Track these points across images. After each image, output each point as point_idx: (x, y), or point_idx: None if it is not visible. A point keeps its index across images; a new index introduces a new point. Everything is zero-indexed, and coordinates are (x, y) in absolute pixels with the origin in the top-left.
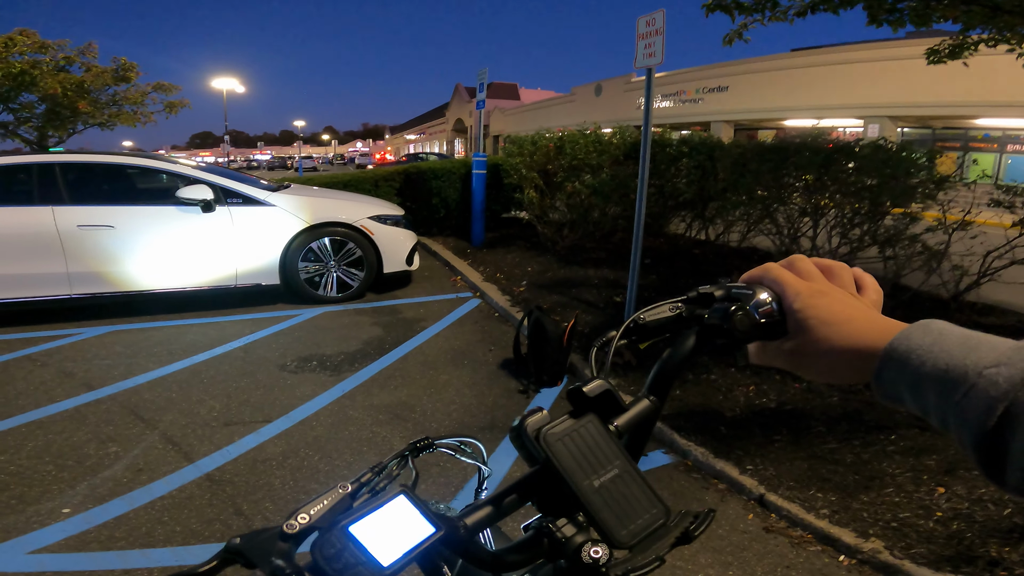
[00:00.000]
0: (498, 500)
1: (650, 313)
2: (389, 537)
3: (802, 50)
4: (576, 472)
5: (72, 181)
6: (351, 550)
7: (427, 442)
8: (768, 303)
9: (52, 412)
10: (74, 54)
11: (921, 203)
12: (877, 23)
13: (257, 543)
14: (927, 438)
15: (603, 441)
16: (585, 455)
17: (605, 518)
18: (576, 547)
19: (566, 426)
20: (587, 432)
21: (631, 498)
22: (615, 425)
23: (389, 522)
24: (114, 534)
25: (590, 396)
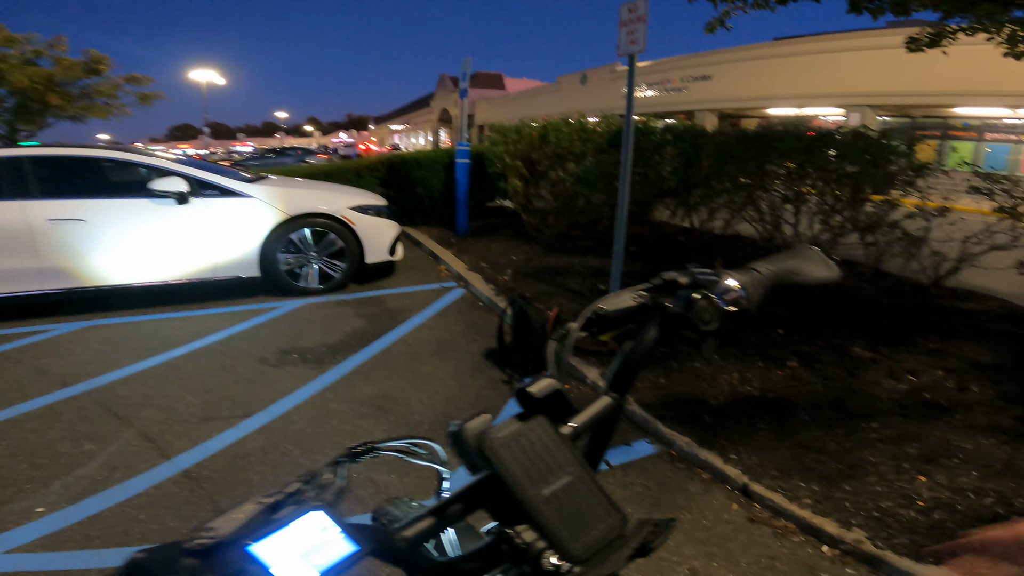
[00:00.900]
0: (440, 510)
1: (612, 303)
2: (302, 556)
3: (785, 39)
4: (524, 480)
5: (42, 175)
6: (250, 572)
7: (367, 447)
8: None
9: (26, 410)
10: (43, 47)
11: (901, 190)
12: (857, 11)
13: (160, 559)
14: (909, 425)
15: (554, 445)
16: (534, 461)
17: (556, 530)
18: (536, 553)
19: (512, 430)
20: (536, 436)
21: (585, 507)
22: (573, 426)
23: (302, 540)
24: (89, 533)
25: (537, 397)
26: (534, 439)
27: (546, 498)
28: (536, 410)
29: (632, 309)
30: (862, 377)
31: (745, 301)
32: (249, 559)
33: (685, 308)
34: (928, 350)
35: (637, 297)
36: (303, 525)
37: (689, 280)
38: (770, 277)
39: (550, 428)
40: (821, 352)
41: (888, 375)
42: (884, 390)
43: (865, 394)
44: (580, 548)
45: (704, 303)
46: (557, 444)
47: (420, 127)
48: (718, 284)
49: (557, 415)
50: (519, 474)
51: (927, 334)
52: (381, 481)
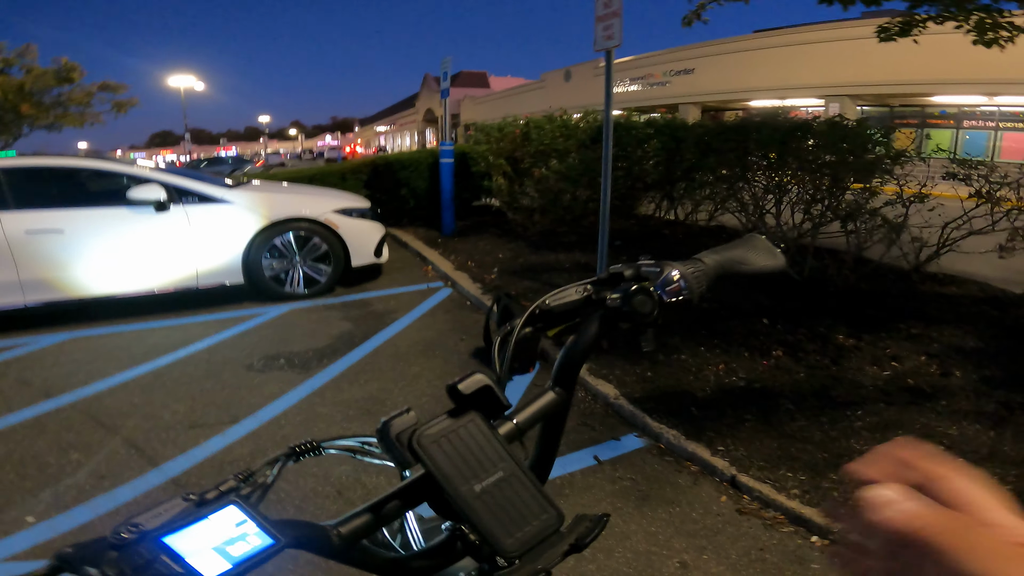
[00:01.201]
0: (378, 507)
1: (556, 298)
2: (217, 548)
3: (764, 31)
4: (454, 476)
5: (18, 185)
6: (163, 562)
7: (311, 444)
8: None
9: (11, 422)
10: (12, 56)
11: (880, 178)
12: (828, 1)
13: (87, 553)
14: (893, 412)
15: (486, 442)
16: (465, 458)
17: (489, 526)
18: (490, 551)
19: (443, 427)
20: (467, 433)
21: (519, 503)
22: (515, 422)
23: (219, 533)
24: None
25: (466, 393)
26: (465, 435)
27: (477, 494)
28: (468, 406)
29: (577, 303)
30: (846, 365)
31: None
32: (164, 549)
33: (623, 301)
34: (910, 335)
35: (582, 291)
36: (220, 519)
37: (633, 272)
38: (714, 267)
39: (483, 424)
40: (805, 341)
41: (871, 362)
42: (868, 377)
43: (849, 382)
44: (514, 544)
45: (641, 296)
46: (489, 440)
47: (406, 128)
48: (660, 276)
49: (491, 412)
50: (450, 470)
51: (909, 320)
52: (371, 483)
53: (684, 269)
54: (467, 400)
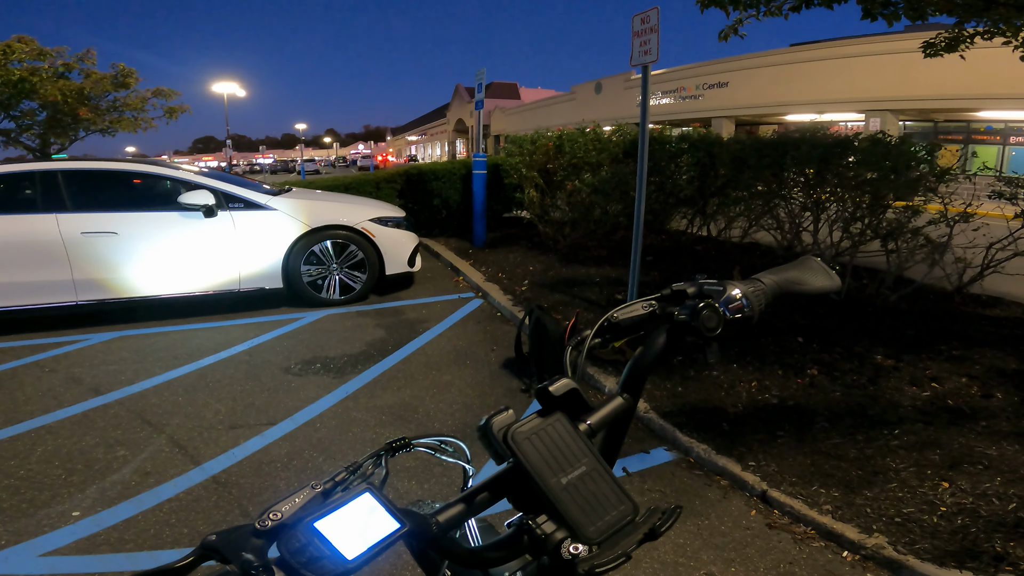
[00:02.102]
0: (470, 498)
1: (623, 312)
2: (355, 532)
3: (801, 44)
4: (544, 470)
5: (75, 188)
6: (316, 544)
7: (403, 442)
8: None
9: (61, 417)
10: (73, 61)
11: (923, 196)
12: (872, 17)
13: (231, 540)
14: (931, 432)
15: (571, 439)
16: (553, 453)
17: (573, 515)
18: (556, 544)
19: (533, 425)
20: (554, 431)
21: (599, 495)
22: (588, 423)
23: (355, 518)
24: (123, 536)
25: (556, 395)
26: (553, 433)
27: (563, 486)
28: (555, 407)
29: (642, 317)
30: (884, 384)
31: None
32: (314, 533)
33: (691, 316)
34: (951, 357)
35: (647, 306)
36: (356, 506)
37: (696, 290)
38: (772, 287)
39: (568, 424)
40: (841, 360)
41: (910, 382)
42: (906, 397)
43: (887, 401)
44: (594, 532)
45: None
46: (574, 438)
47: (436, 138)
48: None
49: (574, 413)
50: (539, 464)
51: (950, 341)
52: (402, 488)
53: (745, 288)
54: (554, 401)
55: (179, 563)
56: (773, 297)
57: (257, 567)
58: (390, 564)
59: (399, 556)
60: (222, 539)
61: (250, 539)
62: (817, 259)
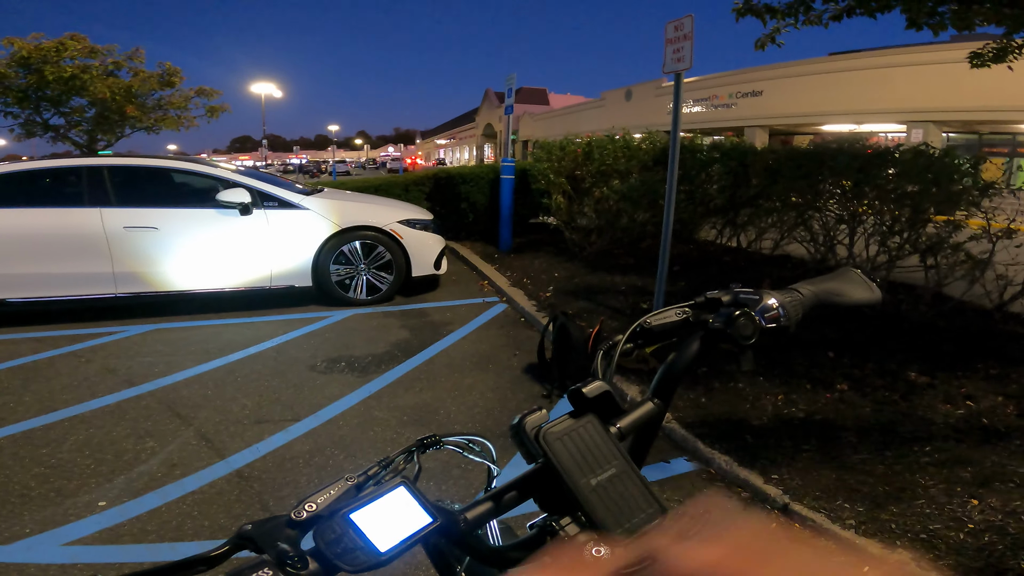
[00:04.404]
0: (498, 496)
1: (657, 318)
2: (388, 525)
3: (840, 54)
4: (574, 470)
5: (119, 184)
6: (351, 536)
7: (434, 439)
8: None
9: (94, 407)
10: (122, 59)
11: (965, 210)
12: (917, 27)
13: (266, 530)
14: (963, 450)
15: (602, 441)
16: (583, 454)
17: (601, 516)
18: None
19: (565, 426)
20: (586, 432)
21: (628, 497)
22: (618, 427)
23: (389, 511)
24: (146, 527)
25: (589, 397)
26: (584, 434)
27: (593, 487)
28: (587, 409)
29: (675, 324)
30: (916, 401)
31: (784, 319)
32: (349, 525)
33: (726, 324)
34: (988, 376)
35: (680, 313)
36: (390, 499)
37: (731, 298)
38: (810, 298)
39: (599, 426)
40: (873, 376)
41: (944, 400)
42: (939, 415)
43: (918, 418)
44: (622, 534)
45: (744, 319)
46: (604, 440)
47: (465, 142)
48: (759, 303)
49: (605, 415)
50: (569, 465)
51: (988, 359)
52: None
53: (782, 298)
54: (587, 403)
55: (214, 552)
56: (810, 308)
57: (292, 557)
58: (404, 564)
59: (413, 555)
60: (257, 529)
61: (285, 529)
62: (857, 271)
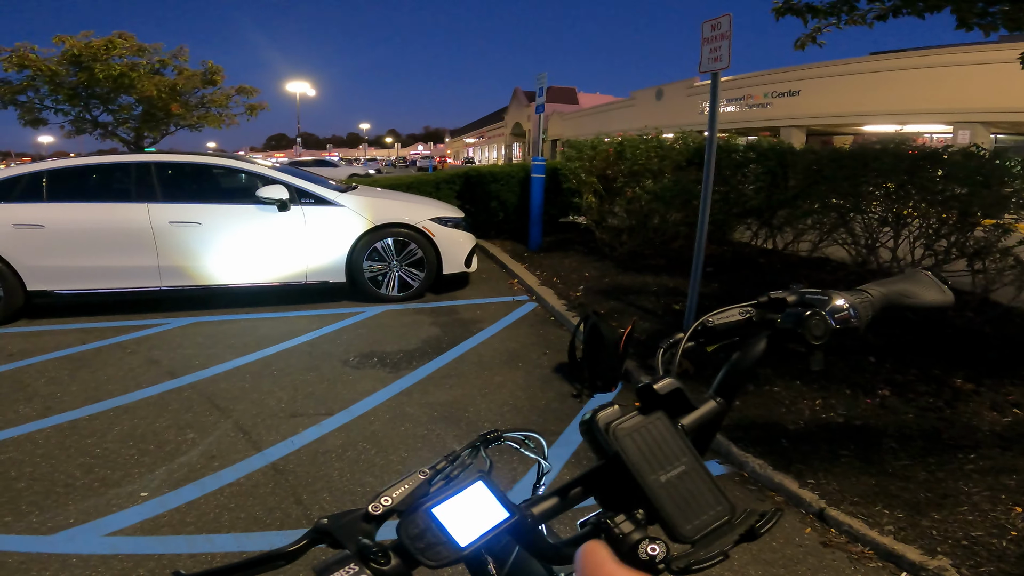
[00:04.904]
0: (564, 491)
1: (719, 316)
2: (467, 520)
3: (882, 53)
4: (643, 466)
5: (165, 180)
6: (432, 530)
7: (496, 434)
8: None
9: (138, 398)
10: (167, 57)
11: (1015, 214)
12: (967, 27)
13: (342, 524)
14: (1009, 458)
15: (671, 438)
16: (653, 451)
17: (670, 512)
18: (633, 544)
19: (635, 422)
20: (655, 429)
21: (697, 494)
22: (682, 424)
23: (468, 506)
24: (185, 519)
25: (660, 394)
26: (653, 431)
27: (662, 483)
28: (656, 405)
29: (738, 323)
30: (961, 408)
31: (855, 320)
32: (432, 519)
33: (796, 323)
34: None
35: (744, 312)
36: (469, 494)
37: (796, 298)
38: (880, 299)
39: (668, 422)
40: (916, 382)
41: (990, 407)
42: (985, 422)
43: (963, 425)
44: (691, 530)
45: (816, 319)
46: (674, 437)
47: (493, 141)
48: (828, 303)
49: (673, 412)
50: (639, 461)
51: None
52: None
53: (851, 298)
54: (657, 400)
55: (292, 547)
56: (880, 309)
57: (376, 552)
58: None
59: None
60: (334, 523)
61: (361, 523)
62: (927, 272)
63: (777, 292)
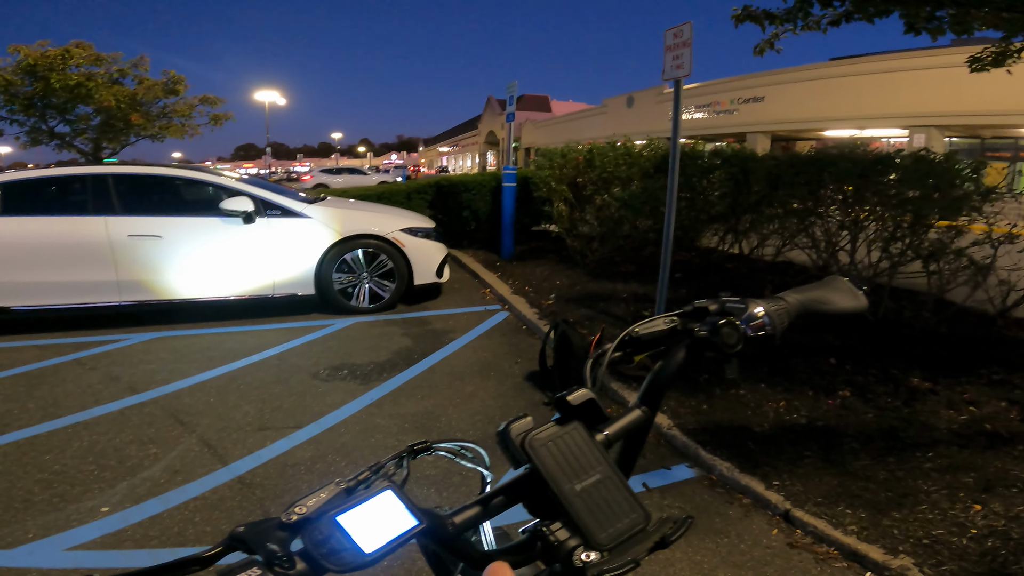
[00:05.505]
0: (486, 501)
1: (645, 326)
2: (374, 528)
3: (841, 59)
4: (559, 476)
5: (123, 192)
6: (337, 537)
7: (425, 445)
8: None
9: (98, 414)
10: (127, 67)
11: (967, 216)
12: (915, 31)
13: (258, 532)
14: (966, 455)
15: (587, 448)
16: (568, 460)
17: (585, 521)
18: (569, 551)
19: (551, 432)
20: (571, 439)
21: (612, 503)
22: (605, 434)
23: (375, 514)
24: (148, 533)
25: (574, 404)
26: (569, 441)
27: (577, 492)
28: (572, 416)
29: (664, 332)
30: (919, 407)
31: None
32: (336, 527)
33: (711, 332)
34: (991, 381)
35: (669, 322)
36: (377, 502)
37: (718, 307)
38: (796, 306)
39: (584, 432)
40: (875, 382)
41: (947, 406)
42: (942, 420)
43: (921, 424)
44: (606, 538)
45: (728, 328)
46: (589, 446)
47: (467, 149)
48: (745, 311)
49: (592, 423)
50: (554, 470)
51: (991, 365)
52: (421, 495)
53: (768, 306)
54: (572, 410)
55: (207, 552)
56: (796, 316)
57: (281, 557)
58: (404, 569)
59: (413, 562)
60: (250, 531)
61: (275, 531)
62: (844, 279)
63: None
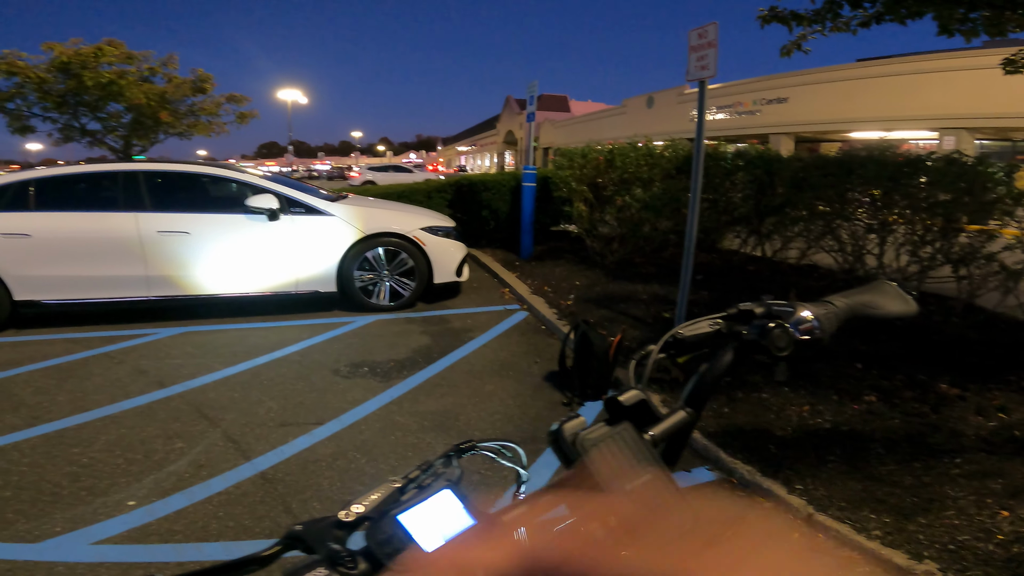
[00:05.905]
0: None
1: (689, 328)
2: (433, 526)
3: (868, 60)
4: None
5: (154, 189)
6: (399, 536)
7: (470, 444)
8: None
9: (125, 407)
10: (157, 65)
11: (999, 220)
12: (949, 33)
13: (315, 530)
14: (995, 462)
15: (637, 448)
16: (619, 460)
17: None
18: None
19: (601, 432)
20: (622, 439)
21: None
22: (651, 434)
23: (434, 513)
24: (173, 527)
25: (625, 405)
26: (619, 441)
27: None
28: (623, 417)
29: (708, 335)
30: (947, 413)
31: (819, 331)
32: (398, 526)
33: (760, 335)
34: (1021, 388)
35: (713, 324)
36: (436, 501)
37: (764, 310)
38: (844, 310)
39: (634, 433)
40: (902, 388)
41: (976, 412)
42: (970, 427)
43: (949, 430)
44: None
45: (779, 331)
46: (639, 447)
47: (486, 149)
48: (793, 315)
49: (640, 423)
50: (605, 471)
51: (1021, 372)
52: None
53: (816, 310)
54: (623, 411)
55: (266, 552)
56: (845, 320)
57: (344, 557)
58: None
59: None
60: (307, 529)
61: (333, 530)
62: (892, 283)
63: (746, 304)
